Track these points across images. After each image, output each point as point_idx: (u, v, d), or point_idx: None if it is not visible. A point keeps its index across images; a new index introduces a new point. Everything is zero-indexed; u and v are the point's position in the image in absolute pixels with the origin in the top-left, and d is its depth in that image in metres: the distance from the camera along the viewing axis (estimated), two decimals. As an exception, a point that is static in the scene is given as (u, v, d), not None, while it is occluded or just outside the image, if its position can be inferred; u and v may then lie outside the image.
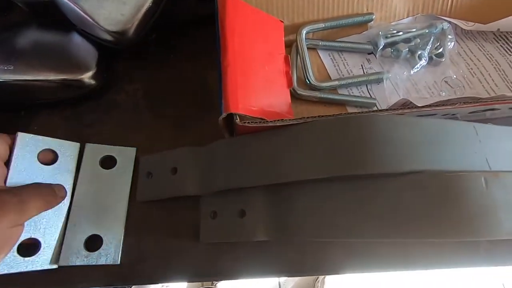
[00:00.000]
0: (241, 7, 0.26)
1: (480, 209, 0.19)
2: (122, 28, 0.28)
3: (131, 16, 0.28)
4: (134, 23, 0.29)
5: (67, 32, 0.31)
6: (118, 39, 0.29)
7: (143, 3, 0.28)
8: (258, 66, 0.25)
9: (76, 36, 0.31)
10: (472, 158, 0.22)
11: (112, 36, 0.29)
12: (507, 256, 0.27)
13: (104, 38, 0.29)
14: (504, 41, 0.35)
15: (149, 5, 0.29)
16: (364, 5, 0.33)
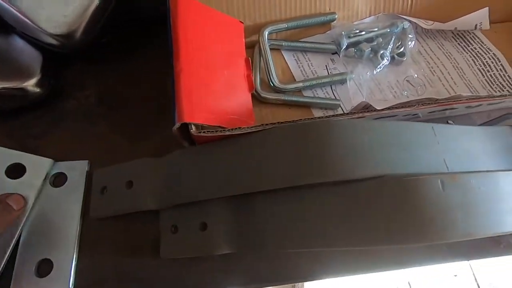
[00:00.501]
0: (195, 7, 0.24)
1: (438, 212, 0.19)
2: (67, 31, 0.26)
3: (76, 17, 0.26)
4: (81, 24, 0.26)
5: (6, 35, 0.28)
6: (63, 42, 0.27)
7: (89, 3, 0.26)
8: (216, 70, 0.24)
9: (17, 40, 0.28)
10: (431, 160, 0.22)
11: (56, 40, 0.26)
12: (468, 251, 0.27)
13: (47, 42, 0.27)
14: (461, 39, 0.36)
15: (96, 5, 0.26)
16: (326, 5, 0.33)
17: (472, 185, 0.21)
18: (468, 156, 0.24)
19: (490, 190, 0.21)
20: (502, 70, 0.34)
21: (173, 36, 0.22)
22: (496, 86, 0.34)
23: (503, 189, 0.21)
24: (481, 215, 0.20)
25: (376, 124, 0.21)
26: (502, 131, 0.26)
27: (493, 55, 0.35)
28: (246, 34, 0.32)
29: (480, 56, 0.35)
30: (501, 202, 0.21)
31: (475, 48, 0.35)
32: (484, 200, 0.20)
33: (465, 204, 0.20)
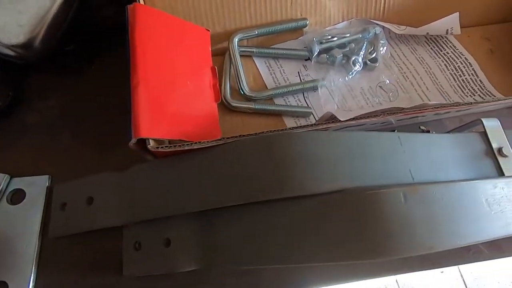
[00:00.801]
0: (156, 17, 0.24)
1: (397, 226, 0.19)
2: (23, 40, 0.25)
3: (33, 26, 0.25)
4: (39, 33, 0.25)
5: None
6: (20, 53, 0.25)
7: (45, 11, 0.25)
8: (178, 81, 0.23)
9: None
10: (396, 170, 0.22)
11: (13, 50, 0.25)
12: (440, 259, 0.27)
13: (3, 53, 0.25)
14: (434, 44, 0.36)
15: (54, 13, 0.25)
16: (298, 10, 0.32)
17: (435, 197, 0.20)
18: (436, 165, 0.24)
19: (455, 201, 0.21)
20: (474, 74, 0.34)
21: (130, 48, 0.22)
22: (468, 91, 0.34)
23: (468, 199, 0.21)
24: (445, 227, 0.20)
25: (338, 136, 0.21)
26: (471, 138, 0.26)
27: (465, 60, 0.35)
28: (216, 41, 0.32)
29: (452, 61, 0.35)
30: (466, 213, 0.21)
31: (448, 52, 0.36)
32: (447, 211, 0.20)
33: (428, 217, 0.19)
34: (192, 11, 0.30)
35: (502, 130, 0.26)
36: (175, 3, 0.29)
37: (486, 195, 0.22)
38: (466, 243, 0.21)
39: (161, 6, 0.29)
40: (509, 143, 0.26)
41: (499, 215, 0.22)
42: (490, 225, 0.22)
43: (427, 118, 0.31)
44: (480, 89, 0.34)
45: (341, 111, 0.25)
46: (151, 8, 0.23)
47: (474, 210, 0.21)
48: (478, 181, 0.23)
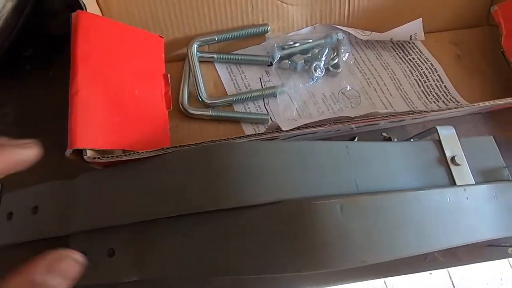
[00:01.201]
0: (101, 24, 0.23)
1: (333, 238, 0.18)
2: (-30, 47, 0.25)
3: (-21, 33, 0.24)
4: (-13, 40, 0.25)
5: None
6: (-32, 59, 0.25)
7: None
8: (124, 90, 0.23)
9: None
10: (341, 180, 0.22)
11: (-40, 57, 0.25)
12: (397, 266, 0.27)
13: (-50, 59, 0.25)
14: (400, 50, 0.36)
15: (3, 19, 0.25)
16: (259, 16, 0.32)
17: (376, 207, 0.20)
18: (386, 174, 0.23)
19: (399, 211, 0.21)
20: (439, 80, 0.34)
21: (71, 56, 0.21)
22: (432, 97, 0.34)
23: (414, 209, 0.21)
24: (383, 239, 0.20)
25: (281, 146, 0.21)
26: (425, 146, 0.26)
27: (430, 65, 0.35)
28: (176, 47, 0.32)
29: (417, 67, 0.35)
30: (410, 223, 0.21)
31: (414, 58, 0.35)
32: (389, 222, 0.20)
33: (365, 228, 0.19)
34: (150, 18, 0.30)
35: (456, 138, 0.26)
36: (132, 10, 0.29)
37: (435, 204, 0.22)
38: (410, 254, 0.21)
39: (118, 14, 0.29)
40: (463, 152, 0.26)
41: (448, 224, 0.22)
42: (437, 235, 0.22)
43: (387, 125, 0.31)
44: (444, 95, 0.34)
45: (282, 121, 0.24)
46: (96, 16, 0.23)
47: (420, 220, 0.21)
48: (426, 190, 0.23)
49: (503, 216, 0.24)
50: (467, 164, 0.25)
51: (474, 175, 0.25)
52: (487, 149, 0.27)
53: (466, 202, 0.23)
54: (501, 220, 0.24)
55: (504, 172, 0.26)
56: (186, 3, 0.29)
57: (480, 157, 0.27)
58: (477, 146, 0.27)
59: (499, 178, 0.26)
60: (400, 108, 0.33)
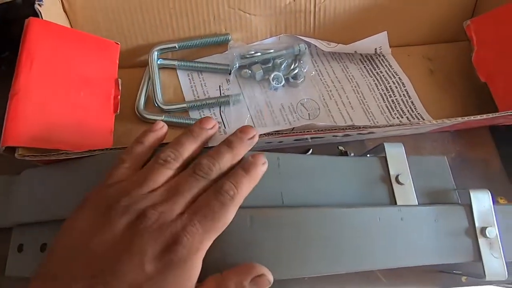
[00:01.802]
0: (52, 31, 0.25)
1: (240, 250, 0.18)
2: None
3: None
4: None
5: None
6: None
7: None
8: (69, 92, 0.24)
9: None
10: (267, 192, 0.21)
11: None
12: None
13: None
14: (368, 62, 0.35)
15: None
16: (222, 26, 0.33)
17: (290, 222, 0.20)
18: (317, 190, 0.23)
19: (315, 227, 0.20)
20: (406, 95, 0.33)
21: (18, 59, 0.23)
22: (396, 112, 0.33)
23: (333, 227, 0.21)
24: (296, 254, 0.19)
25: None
26: (369, 163, 0.25)
27: (398, 80, 0.34)
28: (139, 53, 0.33)
29: (384, 80, 0.34)
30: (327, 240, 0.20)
31: (381, 71, 0.35)
32: (302, 238, 0.20)
33: (276, 242, 0.19)
34: (114, 26, 0.31)
35: (404, 156, 0.25)
36: (97, 17, 0.30)
37: (363, 223, 0.22)
38: (326, 272, 0.20)
39: (84, 21, 0.30)
40: (410, 171, 0.25)
41: (376, 245, 0.21)
42: (362, 255, 0.21)
43: (344, 139, 0.30)
44: (409, 111, 0.33)
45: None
46: (48, 23, 0.25)
47: (342, 238, 0.21)
48: (353, 209, 0.22)
49: (444, 241, 0.23)
50: (412, 184, 0.24)
51: (418, 196, 0.24)
52: (438, 169, 0.26)
53: (400, 223, 0.22)
54: (441, 245, 0.23)
55: (453, 195, 0.25)
56: (149, 11, 0.31)
57: (429, 177, 0.25)
58: (427, 166, 0.26)
59: (445, 200, 0.25)
60: (360, 122, 0.32)
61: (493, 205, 0.24)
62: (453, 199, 0.25)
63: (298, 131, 0.23)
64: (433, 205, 0.24)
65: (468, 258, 0.23)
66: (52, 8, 0.28)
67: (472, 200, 0.24)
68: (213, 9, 0.32)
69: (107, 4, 0.30)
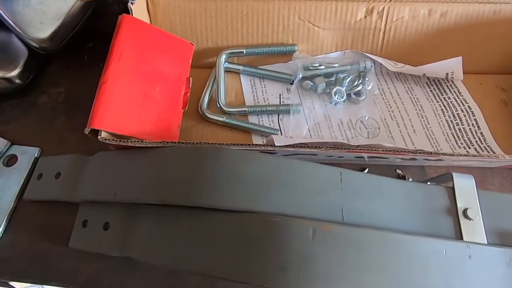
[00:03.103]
0: (140, 28, 0.27)
1: (296, 261, 0.18)
2: (42, 36, 0.30)
3: (51, 25, 0.30)
4: (57, 31, 0.30)
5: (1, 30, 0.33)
6: (40, 45, 0.31)
7: (63, 14, 0.30)
8: (148, 86, 0.26)
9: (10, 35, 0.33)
10: (326, 206, 0.21)
11: (34, 42, 0.30)
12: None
13: (27, 42, 0.31)
14: (436, 86, 0.34)
15: (70, 16, 0.30)
16: (289, 36, 0.33)
17: (352, 240, 0.19)
18: (379, 211, 0.22)
19: (375, 250, 0.19)
20: (475, 125, 0.31)
21: (109, 51, 0.25)
22: (462, 142, 0.31)
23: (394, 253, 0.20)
24: (351, 275, 0.19)
25: (270, 160, 0.21)
26: (435, 192, 0.24)
27: (468, 108, 0.32)
28: (208, 55, 0.34)
29: (452, 107, 0.32)
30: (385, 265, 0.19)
31: (449, 97, 0.33)
32: (361, 259, 0.19)
33: (335, 258, 0.19)
34: (188, 27, 0.33)
35: (475, 190, 0.24)
36: (175, 19, 0.32)
37: (426, 254, 0.20)
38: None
39: (162, 21, 0.32)
40: (480, 206, 0.23)
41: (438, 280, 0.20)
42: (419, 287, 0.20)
43: (403, 163, 0.29)
44: (478, 142, 0.31)
45: (278, 138, 0.24)
46: (138, 20, 0.27)
47: (403, 266, 0.20)
48: (417, 237, 0.21)
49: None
50: (482, 221, 0.23)
51: (487, 235, 0.22)
52: (511, 209, 0.24)
53: (468, 262, 0.21)
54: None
55: (528, 239, 0.23)
56: (222, 17, 0.32)
57: (501, 216, 0.24)
58: (499, 203, 0.24)
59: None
60: (422, 148, 0.30)
61: None
62: (528, 243, 0.23)
63: (364, 149, 0.23)
64: (506, 248, 0.22)
65: (541, 311, 0.21)
66: (140, 7, 0.30)
67: (551, 249, 0.21)
68: (284, 20, 0.32)
69: (186, 7, 0.32)
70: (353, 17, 0.32)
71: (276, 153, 0.25)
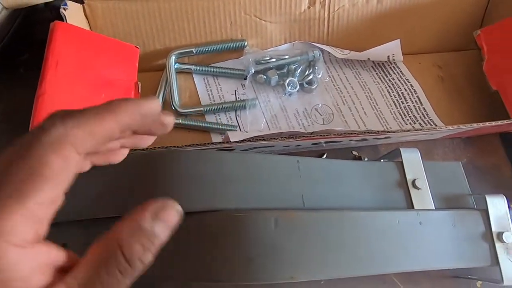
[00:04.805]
0: (76, 34, 0.25)
1: (263, 252, 0.18)
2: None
3: (-26, 38, 0.27)
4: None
5: None
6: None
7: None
8: (91, 94, 0.25)
9: None
10: (287, 195, 0.22)
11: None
12: None
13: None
14: (380, 69, 0.36)
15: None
16: (238, 31, 0.33)
17: (314, 224, 0.20)
18: (337, 193, 0.23)
19: (337, 230, 0.20)
20: (418, 102, 0.34)
21: (43, 62, 0.23)
22: (408, 118, 0.33)
23: (355, 230, 0.21)
24: (319, 256, 0.19)
25: (227, 157, 0.21)
26: (386, 167, 0.26)
27: (410, 86, 0.35)
28: (157, 57, 0.33)
29: (396, 87, 0.35)
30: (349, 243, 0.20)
31: (393, 78, 0.35)
32: (325, 240, 0.20)
33: (300, 244, 0.19)
34: (133, 30, 0.32)
35: (420, 162, 0.26)
36: (116, 22, 0.31)
37: (383, 226, 0.22)
38: (348, 275, 0.20)
39: (103, 25, 0.31)
40: (426, 176, 0.25)
41: (396, 248, 0.22)
42: (382, 258, 0.21)
43: (358, 144, 0.30)
44: (422, 117, 0.33)
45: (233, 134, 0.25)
46: (72, 26, 0.25)
47: (363, 241, 0.21)
48: (373, 212, 0.22)
49: (462, 245, 0.23)
50: (429, 189, 0.25)
51: (435, 201, 0.24)
52: (453, 175, 0.26)
53: (419, 227, 0.22)
54: (459, 250, 0.23)
55: (469, 200, 0.25)
56: (167, 16, 0.31)
57: (445, 182, 0.26)
58: (442, 171, 0.26)
59: (462, 205, 0.25)
60: (373, 128, 0.32)
61: (509, 210, 0.24)
62: (469, 204, 0.25)
63: (317, 135, 0.24)
64: (451, 210, 0.24)
65: (485, 262, 0.23)
66: (75, 12, 0.28)
67: (488, 205, 0.24)
68: (230, 16, 0.32)
69: (127, 9, 0.31)
70: (297, 8, 0.33)
71: (235, 149, 0.25)
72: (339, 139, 0.26)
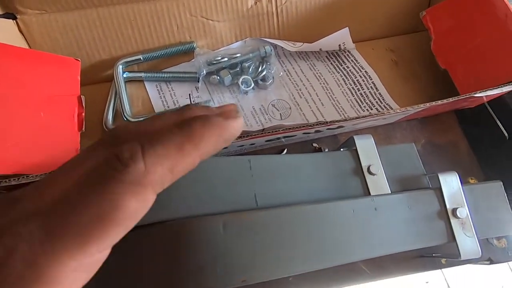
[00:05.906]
0: (6, 52, 0.24)
1: (212, 258, 0.18)
2: None
3: None
4: None
5: None
6: None
7: None
8: (28, 114, 0.23)
9: None
10: (240, 196, 0.21)
11: None
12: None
13: None
14: (335, 59, 0.36)
15: None
16: (186, 34, 0.33)
17: (265, 223, 0.20)
18: (292, 188, 0.23)
19: (291, 226, 0.20)
20: (373, 87, 0.34)
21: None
22: (365, 105, 0.33)
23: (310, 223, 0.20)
24: (272, 256, 0.19)
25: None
26: (342, 156, 0.26)
27: (365, 73, 0.35)
28: (104, 68, 0.32)
29: (351, 75, 0.35)
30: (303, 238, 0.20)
31: (348, 67, 0.35)
32: (279, 238, 0.20)
33: (252, 246, 0.19)
34: (74, 42, 0.30)
35: (374, 147, 0.26)
36: (55, 35, 0.30)
37: (337, 217, 0.22)
38: (305, 270, 0.20)
39: (42, 40, 0.29)
40: (381, 161, 0.25)
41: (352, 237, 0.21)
42: (340, 249, 0.21)
43: (317, 135, 0.30)
44: (378, 102, 0.33)
45: None
46: (3, 45, 0.24)
47: (319, 233, 0.21)
48: (326, 203, 0.22)
49: (419, 226, 0.23)
50: (384, 173, 0.25)
51: (391, 184, 0.25)
52: (407, 157, 0.27)
53: (374, 213, 0.22)
54: (417, 230, 0.23)
55: (423, 180, 0.26)
56: (109, 25, 0.30)
57: (400, 165, 0.26)
58: (397, 155, 0.26)
59: (416, 186, 0.25)
60: (331, 118, 0.32)
61: (461, 186, 0.24)
62: (424, 184, 0.26)
63: (268, 132, 0.23)
64: (405, 192, 0.24)
65: (443, 240, 0.23)
66: (7, 30, 0.27)
67: (441, 183, 0.24)
68: (176, 18, 0.31)
69: (64, 21, 0.29)
70: (243, 5, 0.32)
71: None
72: (292, 133, 0.26)
